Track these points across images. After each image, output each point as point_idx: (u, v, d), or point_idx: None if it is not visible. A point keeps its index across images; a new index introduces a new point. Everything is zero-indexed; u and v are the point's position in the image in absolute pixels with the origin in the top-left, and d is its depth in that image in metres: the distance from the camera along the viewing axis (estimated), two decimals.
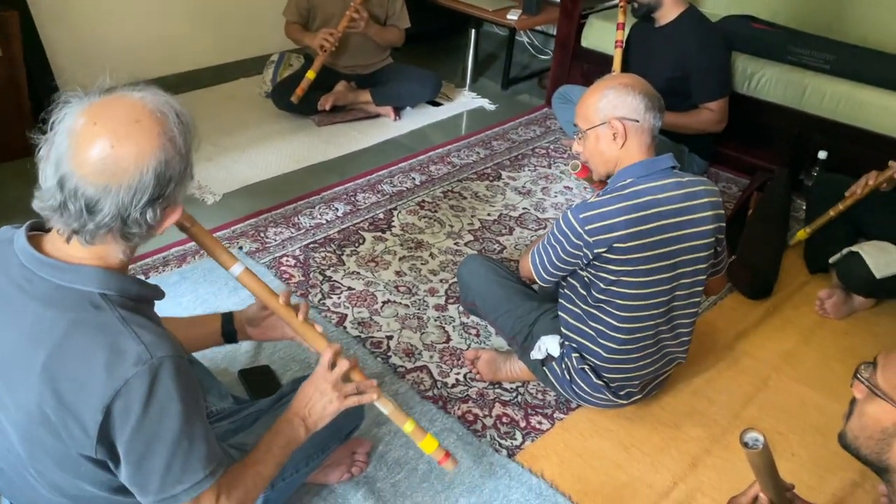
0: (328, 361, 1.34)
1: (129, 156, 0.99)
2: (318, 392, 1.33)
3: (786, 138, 3.03)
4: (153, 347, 1.03)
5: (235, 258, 1.32)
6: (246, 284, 1.34)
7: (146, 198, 1.01)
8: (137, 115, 1.01)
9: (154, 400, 1.02)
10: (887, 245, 2.23)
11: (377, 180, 2.96)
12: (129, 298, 1.08)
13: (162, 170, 1.01)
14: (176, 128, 1.04)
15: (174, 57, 3.59)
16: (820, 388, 2.06)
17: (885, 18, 3.13)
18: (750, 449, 1.08)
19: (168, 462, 1.05)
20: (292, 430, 1.30)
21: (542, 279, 1.76)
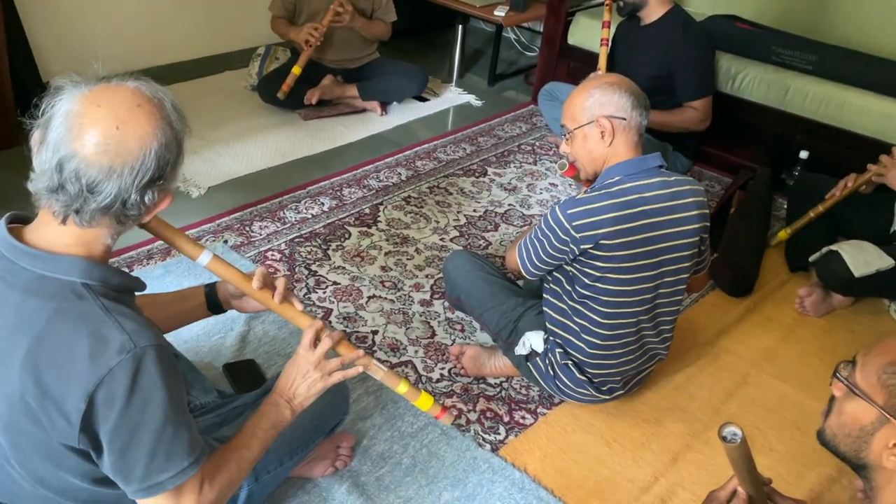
0: (310, 341, 1.31)
1: (134, 137, 1.00)
2: (301, 373, 1.31)
3: (768, 138, 3.07)
4: (136, 336, 1.03)
5: (201, 247, 1.28)
6: (217, 272, 1.30)
7: (146, 179, 1.02)
8: (138, 99, 1.03)
9: (138, 388, 1.02)
10: (866, 244, 2.26)
11: (363, 175, 2.96)
12: (111, 288, 1.09)
13: (162, 152, 1.03)
14: (172, 114, 1.06)
15: (160, 48, 3.56)
16: (798, 384, 2.09)
17: (868, 20, 3.17)
18: (728, 443, 1.10)
19: (152, 450, 1.05)
20: (277, 413, 1.29)
21: (528, 272, 1.77)
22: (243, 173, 2.91)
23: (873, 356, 0.99)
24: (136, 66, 3.44)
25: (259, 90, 3.39)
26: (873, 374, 0.96)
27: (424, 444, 1.79)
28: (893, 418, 0.91)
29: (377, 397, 1.91)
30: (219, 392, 1.71)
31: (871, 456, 0.96)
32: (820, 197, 2.48)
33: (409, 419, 1.85)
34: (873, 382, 0.95)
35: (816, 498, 1.76)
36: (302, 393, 1.31)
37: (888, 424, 0.93)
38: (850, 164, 2.49)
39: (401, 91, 3.53)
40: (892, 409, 0.92)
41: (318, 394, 1.33)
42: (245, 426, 1.27)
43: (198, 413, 1.56)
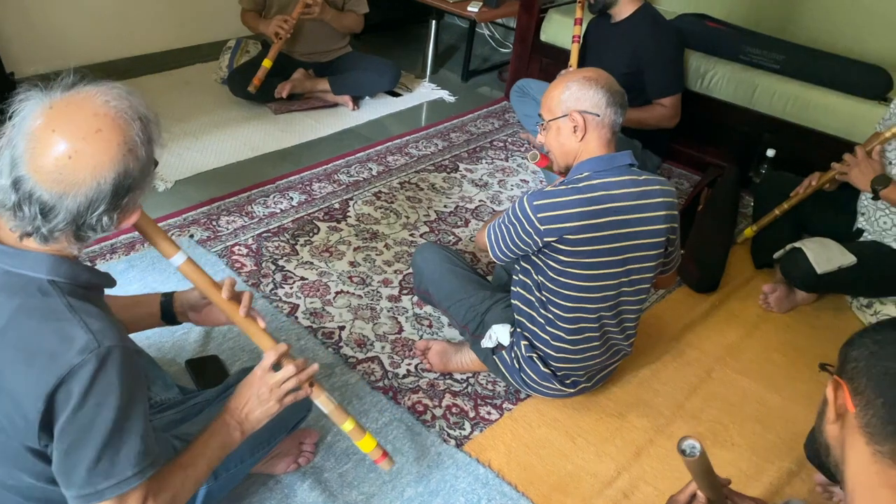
0: (270, 364, 1.29)
1: (87, 167, 0.98)
2: (257, 396, 1.28)
3: (736, 136, 3.10)
4: (101, 336, 1.01)
5: (178, 247, 1.27)
6: (188, 276, 1.29)
7: (102, 207, 1.00)
8: (99, 123, 0.98)
9: (95, 388, 1.00)
10: (829, 242, 2.29)
11: (334, 170, 2.94)
12: (78, 286, 1.07)
13: (121, 181, 1.00)
14: (139, 136, 1.02)
15: (128, 40, 3.50)
16: (760, 379, 2.12)
17: (834, 21, 3.21)
18: (687, 457, 1.12)
19: (98, 454, 1.02)
20: (227, 434, 1.26)
21: (496, 256, 1.77)
22: (212, 167, 2.88)
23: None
24: (103, 58, 3.40)
25: (229, 83, 3.35)
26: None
27: (389, 440, 1.78)
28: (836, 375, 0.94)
29: (342, 393, 1.90)
30: (180, 388, 1.69)
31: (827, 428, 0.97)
32: (786, 195, 2.51)
33: (374, 415, 1.85)
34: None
35: (776, 491, 1.78)
36: (255, 417, 1.29)
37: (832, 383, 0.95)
38: (815, 162, 2.52)
39: (373, 86, 3.51)
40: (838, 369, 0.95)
41: (270, 418, 1.30)
42: (193, 444, 1.23)
43: (158, 409, 1.54)
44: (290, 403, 1.32)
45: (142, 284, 2.18)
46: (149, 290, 2.16)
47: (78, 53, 3.27)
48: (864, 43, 3.10)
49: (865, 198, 2.34)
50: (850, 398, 0.90)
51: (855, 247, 2.28)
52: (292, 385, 1.30)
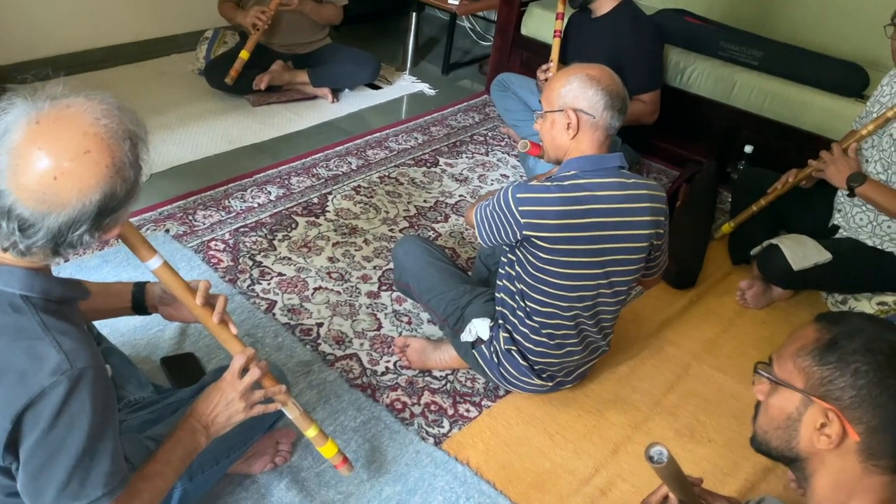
0: (239, 368, 1.28)
1: (73, 189, 0.95)
2: (225, 401, 1.27)
3: (715, 132, 3.12)
4: (73, 356, 0.99)
5: (154, 250, 1.25)
6: (163, 280, 1.28)
7: (85, 227, 0.98)
8: (88, 144, 0.95)
9: (66, 411, 0.98)
10: (805, 239, 2.31)
11: (312, 164, 2.91)
12: (52, 301, 1.04)
13: (106, 202, 0.97)
14: (128, 157, 0.99)
15: (103, 29, 3.43)
16: (736, 375, 2.14)
17: (812, 17, 3.23)
18: (655, 463, 1.12)
19: (68, 477, 1.01)
20: (193, 440, 1.25)
21: (482, 239, 1.76)
22: (188, 160, 2.84)
23: (785, 348, 1.03)
24: (77, 48, 3.34)
25: (206, 74, 3.31)
26: (788, 362, 1.00)
27: (367, 439, 1.77)
28: (815, 398, 0.94)
29: (320, 391, 1.89)
30: (155, 386, 1.67)
31: (801, 443, 0.99)
32: (763, 191, 2.52)
33: (352, 413, 1.84)
34: (790, 369, 0.99)
35: (752, 488, 1.80)
36: (222, 421, 1.28)
37: (812, 406, 0.96)
38: (793, 159, 2.54)
39: (353, 78, 3.48)
40: (812, 389, 0.95)
41: (236, 424, 1.30)
42: (158, 453, 1.22)
43: (132, 409, 1.52)
44: (258, 413, 1.32)
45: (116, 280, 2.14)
46: None
47: (50, 43, 3.21)
48: (841, 40, 3.12)
49: (842, 195, 2.36)
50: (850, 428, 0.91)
51: (831, 244, 2.30)
52: (261, 396, 1.30)
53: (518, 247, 1.74)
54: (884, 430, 0.90)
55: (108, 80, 3.30)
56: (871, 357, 0.91)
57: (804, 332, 1.00)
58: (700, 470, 1.80)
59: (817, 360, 0.95)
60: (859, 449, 0.92)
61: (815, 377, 0.94)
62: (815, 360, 0.95)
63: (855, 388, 0.90)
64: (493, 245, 1.77)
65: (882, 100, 2.29)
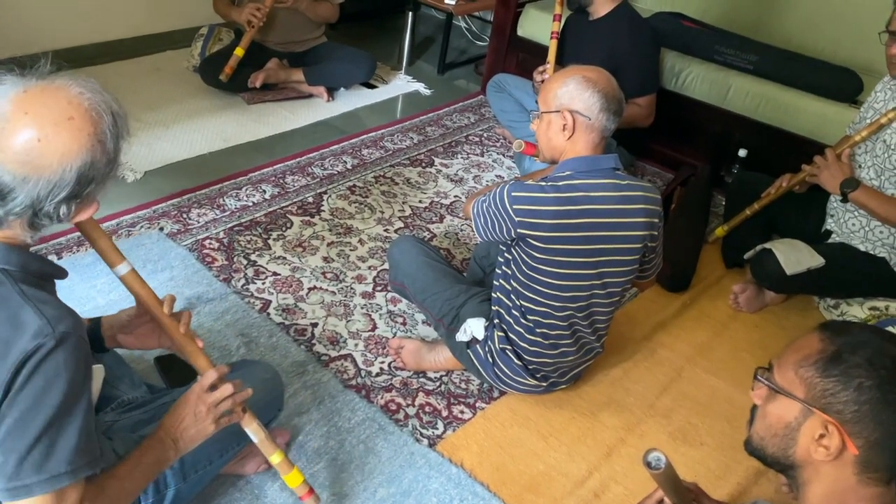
0: (208, 384, 1.27)
1: (55, 153, 0.98)
2: (193, 415, 1.26)
3: (709, 135, 3.13)
4: (55, 321, 1.00)
5: (122, 256, 1.25)
6: (130, 287, 1.27)
7: (63, 195, 1.00)
8: (72, 111, 0.99)
9: (40, 372, 0.98)
10: (798, 243, 2.33)
11: (307, 162, 2.91)
12: (30, 274, 1.06)
13: (85, 171, 1.00)
14: (109, 130, 1.03)
15: (97, 25, 3.41)
16: (729, 379, 2.15)
17: (806, 22, 3.25)
18: (653, 469, 1.13)
19: (32, 443, 0.98)
20: (162, 451, 1.24)
21: (478, 233, 1.77)
22: (182, 158, 2.82)
23: (787, 356, 1.02)
24: (71, 43, 3.32)
25: (201, 71, 3.29)
26: (790, 371, 0.99)
27: (361, 440, 1.77)
28: (815, 409, 0.94)
29: (314, 392, 1.89)
30: (148, 386, 1.66)
31: (798, 452, 0.99)
32: (756, 195, 2.54)
33: (347, 414, 1.84)
34: (791, 378, 0.99)
35: (744, 491, 1.81)
36: (190, 435, 1.27)
37: (812, 416, 0.96)
38: (786, 163, 2.55)
39: (348, 77, 3.47)
40: (813, 400, 0.95)
41: (204, 438, 1.29)
42: (130, 456, 1.21)
43: (125, 409, 1.51)
44: (225, 426, 1.31)
45: (109, 278, 2.13)
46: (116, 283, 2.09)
47: (44, 38, 3.18)
48: (836, 46, 3.14)
49: (835, 200, 2.38)
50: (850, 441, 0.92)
51: (823, 248, 2.31)
52: (228, 406, 1.29)
53: (513, 246, 1.75)
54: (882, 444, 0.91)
55: (103, 76, 3.28)
56: (874, 372, 0.91)
57: (808, 342, 1.00)
58: (692, 473, 1.81)
59: (820, 372, 0.95)
60: (856, 462, 0.93)
61: (818, 389, 0.94)
62: (819, 372, 0.95)
63: (857, 402, 0.90)
64: (489, 240, 1.78)
65: (876, 106, 2.31)
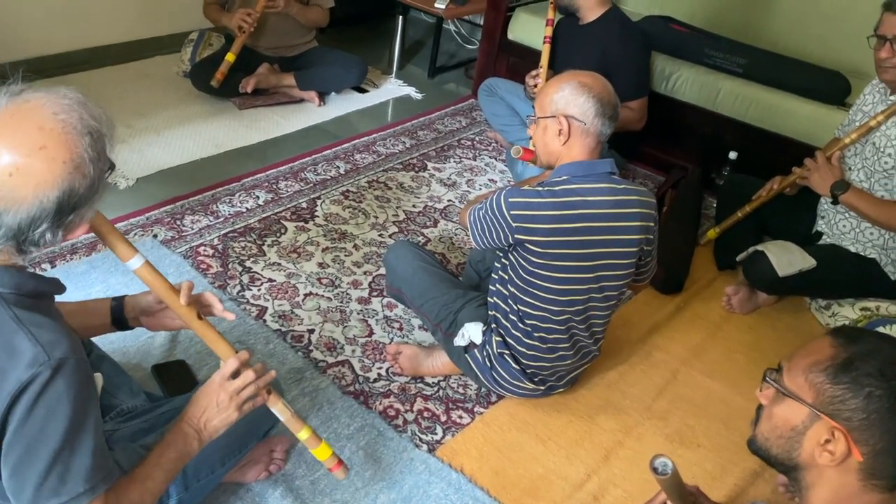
0: (230, 372, 1.26)
1: (28, 186, 0.94)
2: (215, 404, 1.25)
3: (700, 138, 3.15)
4: (50, 347, 0.98)
5: (135, 249, 1.22)
6: (145, 280, 1.25)
7: (45, 225, 0.97)
8: (44, 140, 0.94)
9: (42, 402, 0.97)
10: (790, 245, 2.35)
11: (300, 168, 2.90)
12: (25, 296, 1.03)
13: (65, 199, 0.96)
14: (87, 152, 0.98)
15: (86, 30, 3.39)
16: (724, 380, 2.17)
17: (794, 25, 3.29)
18: (660, 475, 1.14)
19: (46, 470, 0.99)
20: (185, 443, 1.23)
21: (475, 241, 1.78)
22: (174, 164, 2.81)
23: (798, 359, 1.03)
24: (60, 49, 3.30)
25: (192, 77, 3.28)
26: (800, 375, 1.00)
27: (361, 446, 1.77)
28: (823, 414, 0.95)
29: (312, 398, 1.88)
30: (147, 395, 1.66)
31: (802, 455, 1.00)
32: (748, 197, 2.56)
33: (346, 420, 1.84)
34: (801, 383, 0.99)
35: (741, 492, 1.82)
36: (214, 425, 1.26)
37: (819, 421, 0.97)
38: (776, 165, 2.57)
39: (339, 81, 3.47)
40: (821, 405, 0.96)
41: (228, 426, 1.28)
42: (149, 456, 1.20)
43: (125, 418, 1.50)
44: (248, 411, 1.30)
45: (104, 286, 2.13)
46: (112, 292, 2.10)
47: (32, 45, 3.16)
48: (823, 48, 3.18)
49: (825, 202, 2.40)
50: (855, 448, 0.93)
51: (815, 250, 2.34)
52: (251, 392, 1.28)
53: (510, 251, 1.76)
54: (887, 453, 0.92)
55: (92, 82, 3.26)
56: (885, 382, 0.92)
57: (819, 347, 1.00)
58: (690, 475, 1.82)
59: (831, 379, 0.96)
60: (861, 468, 0.94)
61: (827, 395, 0.95)
62: (829, 378, 0.96)
63: (866, 411, 0.92)
64: (487, 248, 1.79)
65: (864, 108, 2.34)
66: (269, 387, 1.32)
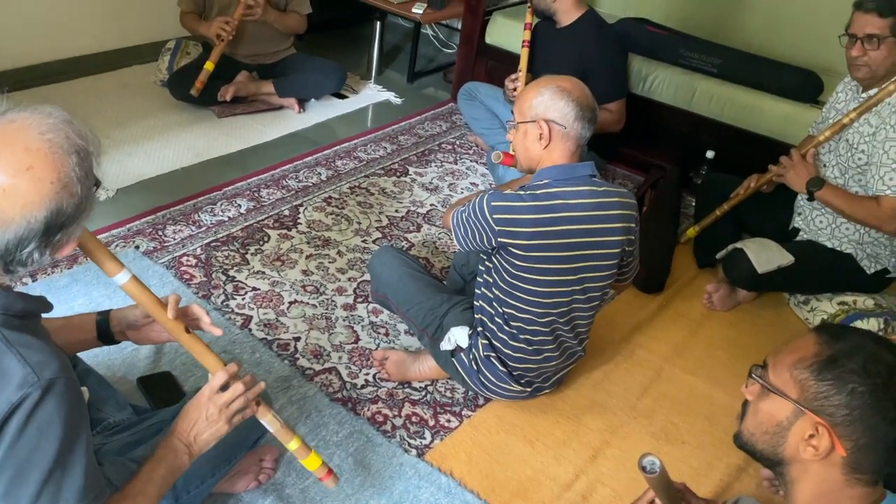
0: (218, 385, 1.26)
1: (16, 206, 0.93)
2: (205, 417, 1.25)
3: (677, 138, 3.19)
4: (40, 368, 0.98)
5: (121, 264, 1.22)
6: (132, 295, 1.24)
7: (32, 245, 0.96)
8: (30, 160, 0.94)
9: (32, 423, 0.97)
10: (769, 242, 2.39)
11: (282, 175, 2.90)
12: (13, 316, 1.03)
13: (53, 218, 0.96)
14: (75, 171, 0.97)
15: (61, 41, 3.35)
16: (707, 377, 2.20)
17: (766, 25, 3.34)
18: (648, 473, 1.16)
19: (38, 491, 0.99)
20: (176, 458, 1.23)
21: (458, 243, 1.79)
22: (155, 174, 2.80)
23: (783, 356, 1.05)
24: (35, 60, 3.26)
25: (170, 86, 3.26)
26: (785, 372, 1.02)
27: (350, 453, 1.78)
28: (808, 410, 0.97)
29: (300, 406, 1.89)
30: (133, 407, 1.65)
31: (787, 450, 1.02)
32: (726, 195, 2.60)
33: (334, 427, 1.84)
34: (786, 379, 1.02)
35: (727, 487, 1.85)
36: (204, 438, 1.26)
37: (803, 417, 0.99)
38: (753, 163, 2.61)
39: (319, 88, 3.47)
40: (806, 401, 0.98)
41: (219, 439, 1.28)
42: (140, 472, 1.20)
43: (112, 432, 1.50)
44: (238, 423, 1.30)
45: (87, 300, 2.11)
46: (95, 305, 2.10)
47: (7, 56, 3.12)
48: (795, 48, 3.23)
49: (802, 199, 2.44)
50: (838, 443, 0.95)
51: (792, 246, 2.38)
52: (240, 404, 1.28)
53: (494, 254, 1.77)
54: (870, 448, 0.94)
55: (68, 94, 3.24)
56: (868, 379, 0.94)
57: (804, 344, 1.02)
58: (676, 472, 1.83)
59: (815, 375, 0.98)
60: (844, 463, 0.96)
61: (811, 391, 0.97)
62: (813, 375, 0.98)
63: (849, 407, 0.94)
64: (471, 250, 1.81)
65: (837, 106, 2.39)
66: (258, 398, 1.33)
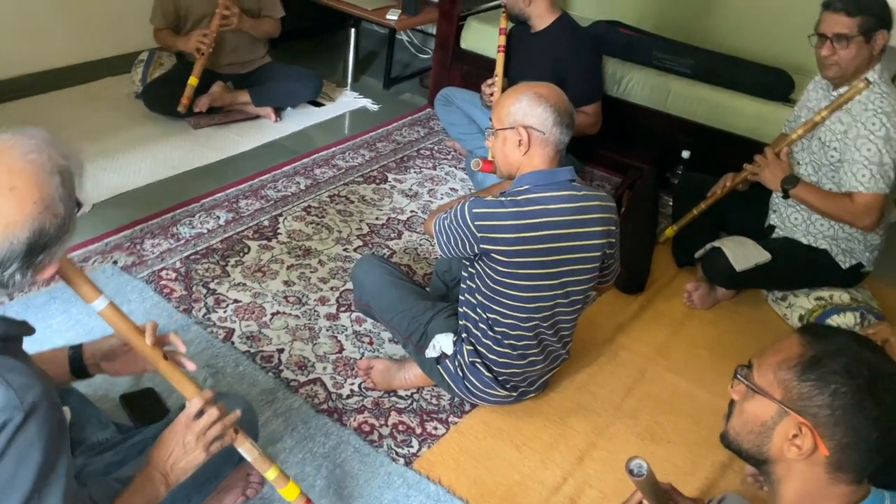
0: (194, 412, 1.25)
1: None
2: (182, 445, 1.24)
3: (653, 138, 3.22)
4: (23, 392, 0.97)
5: (98, 290, 1.21)
6: (110, 322, 1.24)
7: (14, 266, 0.96)
8: (13, 180, 0.94)
9: (13, 447, 0.96)
10: (745, 240, 2.42)
11: (260, 185, 2.88)
12: None
13: (35, 239, 0.96)
14: (58, 191, 0.97)
15: (31, 54, 3.30)
16: (689, 376, 2.22)
17: (736, 26, 3.38)
18: (635, 476, 1.17)
19: None
20: (153, 488, 1.22)
21: (441, 249, 1.80)
22: (131, 187, 2.77)
23: (767, 357, 1.06)
24: (2, 76, 3.21)
25: (144, 98, 3.23)
26: (769, 373, 1.03)
27: (337, 464, 1.77)
28: (791, 410, 0.99)
29: (286, 419, 1.88)
30: (117, 425, 1.62)
31: (772, 450, 1.03)
32: (702, 195, 2.63)
33: (321, 439, 1.83)
34: (770, 380, 1.03)
35: (712, 485, 1.87)
36: (182, 467, 1.25)
37: (787, 417, 1.00)
38: (728, 162, 2.64)
39: (295, 96, 3.46)
40: (790, 402, 1.00)
41: (196, 467, 1.27)
42: (118, 500, 1.18)
43: (95, 452, 1.48)
44: (216, 451, 1.29)
45: (65, 317, 2.08)
46: (73, 322, 2.07)
47: None
48: (765, 47, 3.27)
49: (777, 196, 2.48)
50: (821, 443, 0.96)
51: (769, 244, 2.41)
52: (217, 431, 1.27)
53: (476, 260, 1.78)
54: (852, 448, 0.96)
55: (39, 108, 3.20)
56: (850, 380, 0.95)
57: (788, 345, 1.04)
58: (661, 471, 1.84)
59: (798, 376, 0.99)
60: (827, 462, 0.98)
61: (794, 392, 0.99)
62: (796, 376, 0.99)
63: (832, 407, 0.95)
64: (453, 256, 1.81)
65: (809, 104, 2.43)
66: (235, 426, 1.32)
